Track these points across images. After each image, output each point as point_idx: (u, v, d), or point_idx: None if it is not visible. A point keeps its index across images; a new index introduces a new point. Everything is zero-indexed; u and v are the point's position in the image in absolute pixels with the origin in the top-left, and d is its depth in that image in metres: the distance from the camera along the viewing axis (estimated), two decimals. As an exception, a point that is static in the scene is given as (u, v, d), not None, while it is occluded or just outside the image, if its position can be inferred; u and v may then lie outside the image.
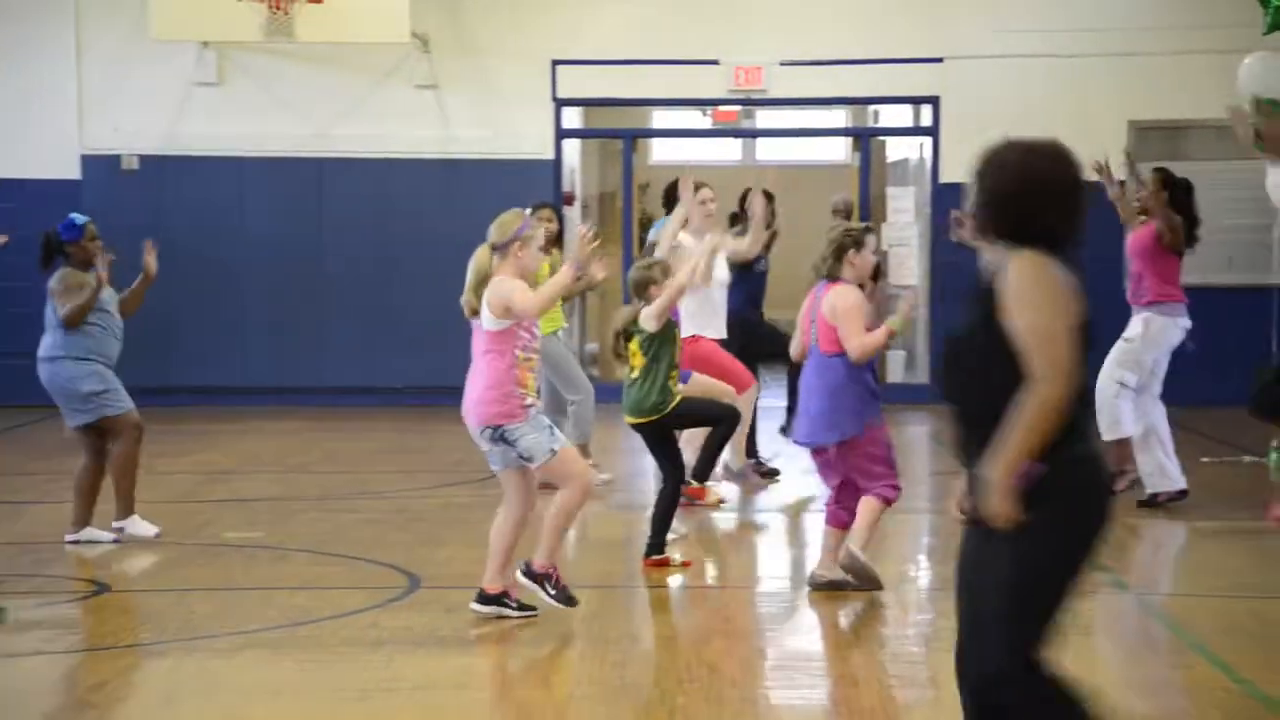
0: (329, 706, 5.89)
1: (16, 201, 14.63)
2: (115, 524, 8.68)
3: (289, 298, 15.29)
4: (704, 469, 9.28)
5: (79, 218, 8.75)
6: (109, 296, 8.74)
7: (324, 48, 14.79)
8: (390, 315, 15.28)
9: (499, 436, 6.80)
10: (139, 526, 8.68)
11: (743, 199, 10.95)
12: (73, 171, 15.12)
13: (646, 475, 10.57)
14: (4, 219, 14.13)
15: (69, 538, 8.60)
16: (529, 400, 6.80)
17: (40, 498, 9.73)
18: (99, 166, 15.17)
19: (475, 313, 6.90)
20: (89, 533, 8.60)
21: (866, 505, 7.36)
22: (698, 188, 9.83)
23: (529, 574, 6.99)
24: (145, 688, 6.30)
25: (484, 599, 6.99)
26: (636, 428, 8.21)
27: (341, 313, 15.38)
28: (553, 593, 6.97)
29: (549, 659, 6.59)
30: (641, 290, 8.14)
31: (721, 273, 9.87)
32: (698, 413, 8.52)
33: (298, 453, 12.56)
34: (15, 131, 15.12)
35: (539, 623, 6.91)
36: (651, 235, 10.77)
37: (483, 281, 6.86)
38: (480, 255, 6.93)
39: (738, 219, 10.93)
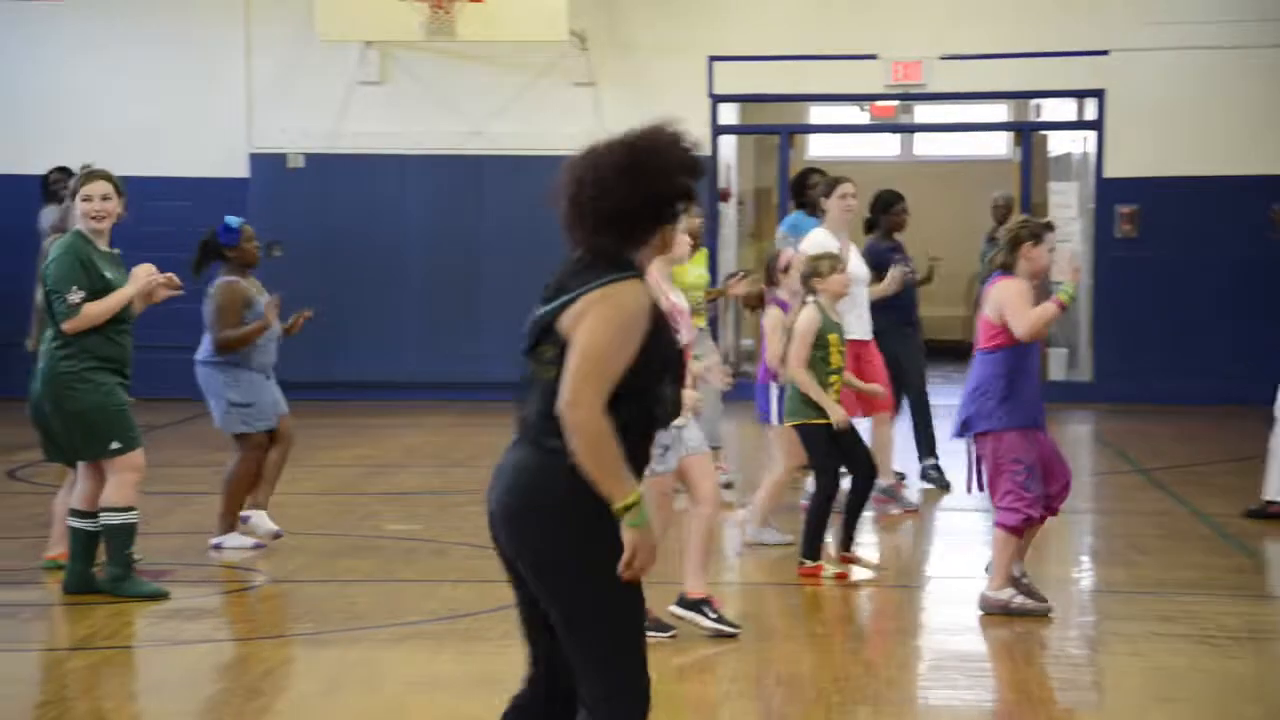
0: (488, 699, 5.93)
1: (186, 199, 15.00)
2: (241, 514, 8.66)
3: (448, 294, 15.48)
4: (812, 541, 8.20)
5: (235, 220, 8.66)
6: (262, 300, 8.64)
7: (483, 46, 14.95)
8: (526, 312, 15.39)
9: None
10: (259, 523, 8.67)
11: (874, 204, 10.54)
12: (241, 170, 15.47)
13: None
14: (175, 217, 14.54)
15: (213, 541, 8.73)
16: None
17: (209, 489, 9.95)
18: (266, 165, 15.50)
19: None
20: (253, 522, 8.75)
21: (997, 539, 6.98)
22: (839, 182, 9.58)
23: (683, 603, 6.70)
24: (309, 676, 6.41)
25: (683, 603, 6.74)
26: (793, 430, 8.05)
27: (499, 309, 15.52)
28: (713, 617, 6.67)
29: (704, 655, 6.57)
30: (804, 281, 7.96)
31: (860, 269, 9.59)
32: (815, 455, 7.90)
33: (456, 447, 12.71)
34: (186, 131, 15.49)
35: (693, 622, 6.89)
36: (780, 234, 10.57)
37: None
38: None
39: (873, 226, 10.59)
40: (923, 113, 17.96)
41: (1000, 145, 20.21)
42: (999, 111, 18.89)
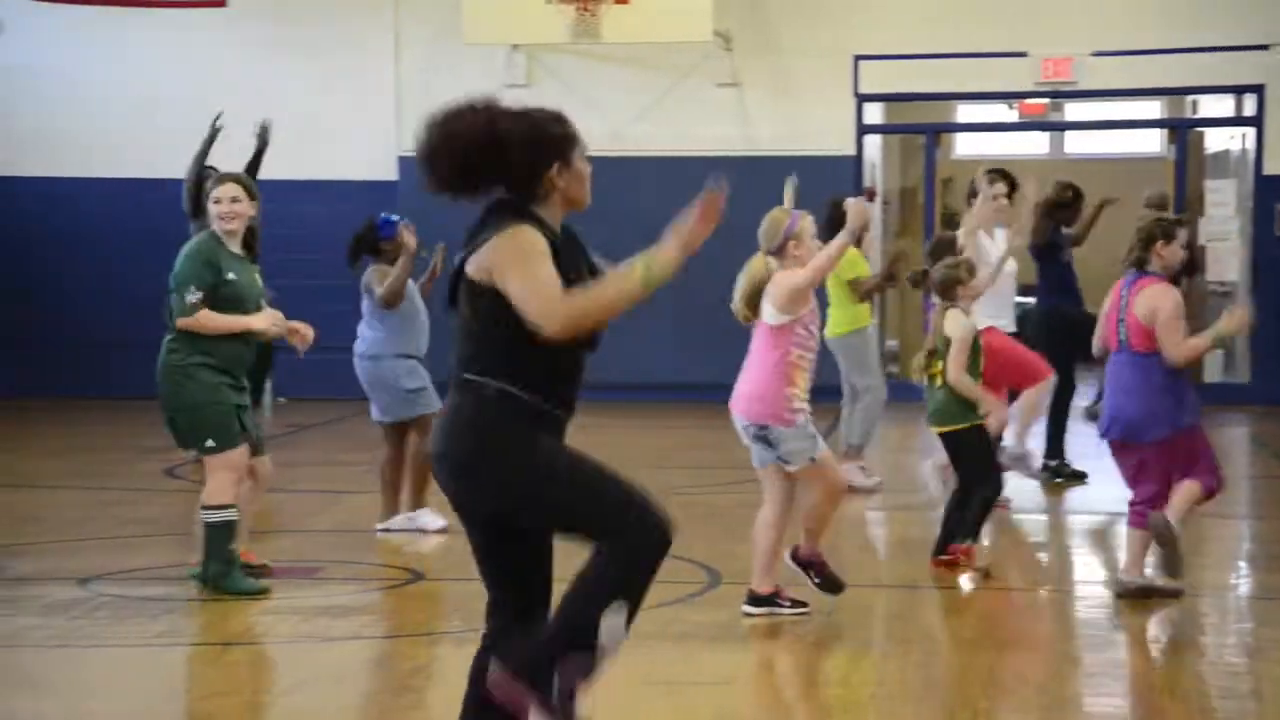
0: (635, 698, 5.95)
1: (336, 203, 15.24)
2: (406, 515, 8.85)
3: (592, 295, 15.52)
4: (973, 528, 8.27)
5: (393, 216, 8.96)
6: (415, 291, 8.95)
7: (627, 48, 14.99)
8: (688, 312, 15.38)
9: (762, 436, 6.74)
10: (426, 519, 8.83)
11: (1048, 203, 10.53)
12: (390, 173, 15.67)
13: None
14: (324, 219, 14.78)
15: (379, 527, 8.90)
16: (798, 404, 6.68)
17: (357, 488, 10.10)
18: (416, 168, 15.66)
19: (748, 320, 6.86)
20: (399, 521, 8.88)
21: (1186, 487, 7.05)
22: (992, 181, 9.57)
23: (795, 559, 6.98)
24: (459, 673, 6.41)
25: (754, 600, 6.91)
26: (940, 437, 8.00)
27: (642, 310, 15.48)
28: (817, 580, 6.93)
29: (849, 658, 6.53)
30: (947, 290, 7.92)
31: (1011, 264, 9.58)
32: (975, 458, 7.88)
33: (601, 448, 12.69)
34: (336, 133, 15.74)
35: (839, 622, 6.85)
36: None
37: (756, 290, 6.80)
38: (754, 264, 6.86)
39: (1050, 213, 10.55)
40: (1073, 110, 17.66)
41: (1154, 142, 19.82)
42: (1152, 108, 18.52)
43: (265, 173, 12.53)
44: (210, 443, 7.35)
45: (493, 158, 4.12)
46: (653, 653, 6.48)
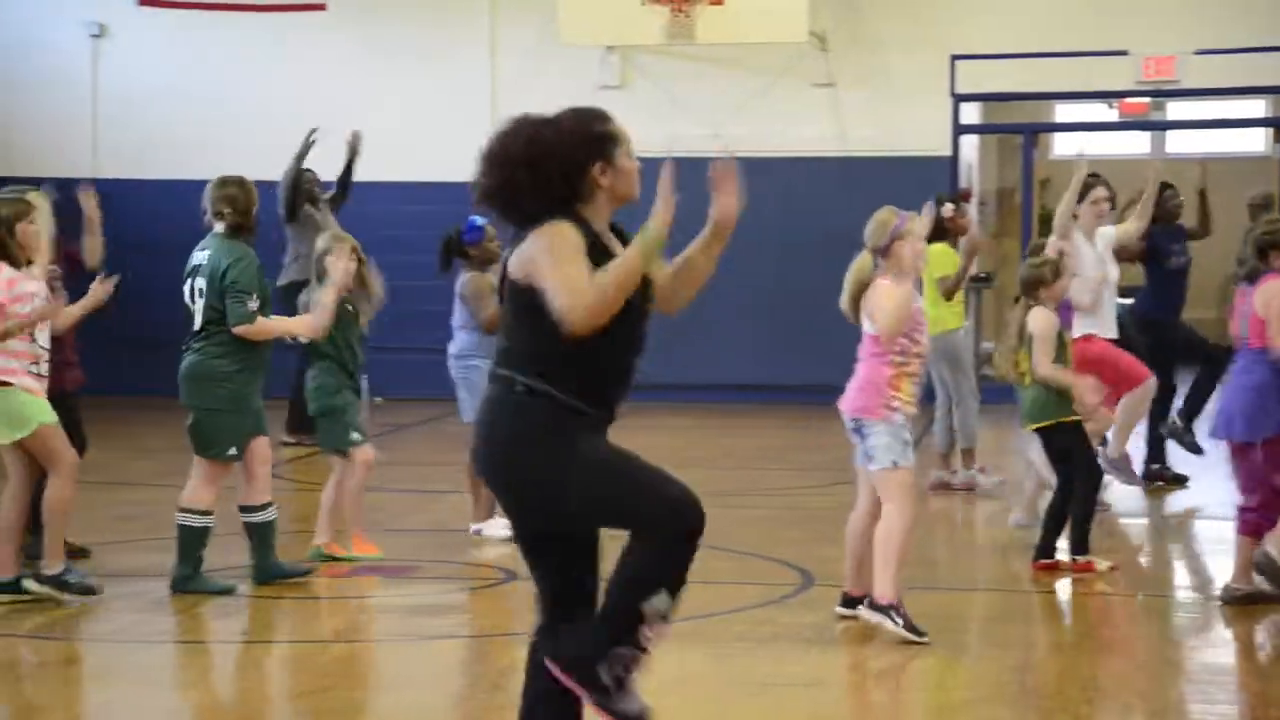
0: (726, 699, 5.96)
1: (432, 204, 15.35)
2: (473, 527, 8.86)
3: (685, 296, 15.52)
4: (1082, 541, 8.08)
5: (479, 219, 8.95)
6: None
7: (721, 48, 14.97)
8: (783, 313, 15.35)
9: (857, 428, 6.69)
10: (496, 528, 8.82)
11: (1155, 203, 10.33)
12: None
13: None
14: (421, 220, 14.88)
15: (473, 528, 8.95)
16: (897, 403, 6.60)
17: (453, 488, 10.16)
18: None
19: (856, 320, 6.80)
20: (493, 524, 8.92)
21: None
22: (1091, 186, 9.42)
23: (874, 606, 6.63)
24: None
25: (873, 605, 6.69)
26: (1035, 433, 7.96)
27: (736, 310, 15.53)
28: (899, 622, 6.56)
29: (944, 661, 6.48)
30: (1031, 290, 7.91)
31: (1113, 271, 9.48)
32: (1071, 452, 7.77)
33: (693, 448, 12.75)
34: (432, 134, 15.85)
35: (934, 624, 6.79)
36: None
37: (861, 289, 6.75)
38: (860, 262, 6.80)
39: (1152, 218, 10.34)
40: (1175, 109, 17.42)
41: (1258, 141, 19.50)
42: (1257, 107, 18.22)
43: (364, 175, 12.66)
44: (233, 451, 7.47)
45: (537, 171, 4.17)
46: (744, 654, 6.47)
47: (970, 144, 16.33)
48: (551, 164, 4.16)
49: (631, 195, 4.31)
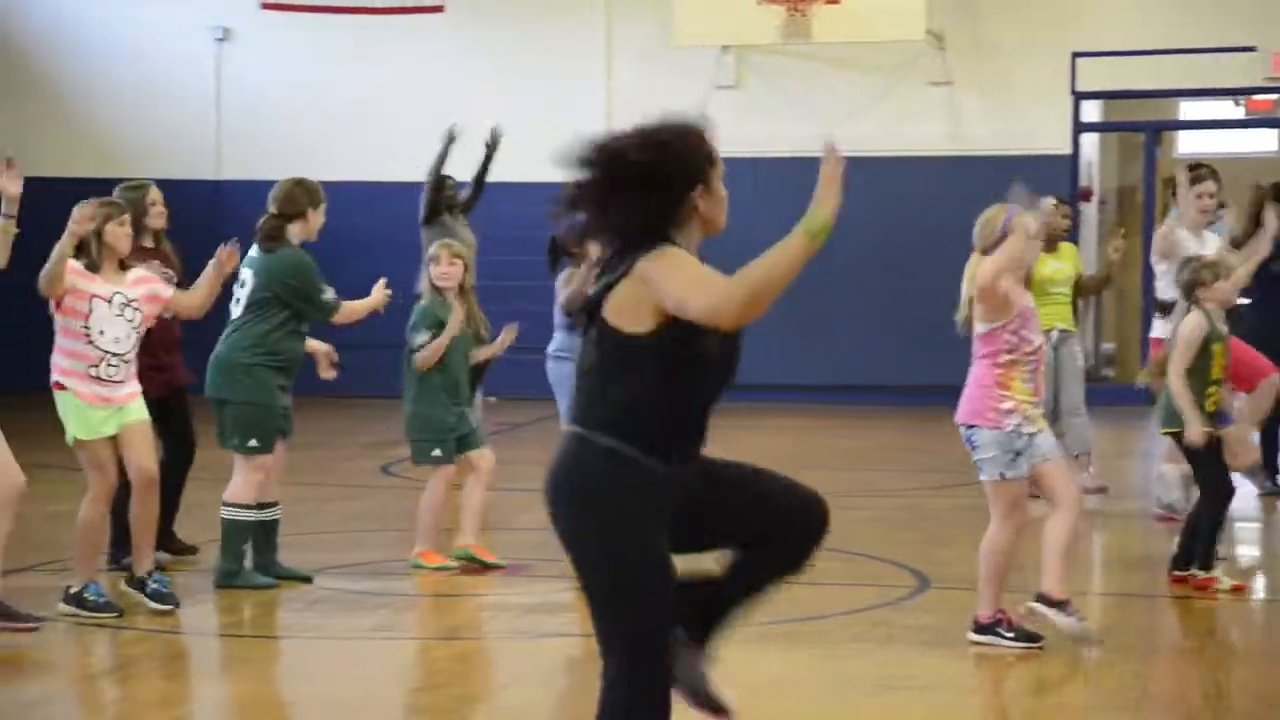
0: (841, 701, 5.92)
1: (547, 204, 15.41)
2: None
3: (800, 295, 15.43)
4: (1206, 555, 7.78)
5: None
6: None
7: (835, 48, 14.90)
8: (898, 313, 15.24)
9: (968, 437, 6.54)
10: None
11: (1256, 212, 9.91)
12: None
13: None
14: (535, 221, 14.95)
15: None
16: (1008, 406, 6.39)
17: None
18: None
19: (968, 330, 6.66)
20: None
21: None
22: (1198, 180, 9.15)
23: (978, 629, 6.48)
24: (663, 672, 6.49)
25: (977, 628, 6.53)
26: (1170, 437, 7.76)
27: (850, 310, 15.45)
28: (1009, 635, 6.42)
29: (1063, 668, 6.38)
30: (1188, 291, 7.65)
31: None
32: (1202, 459, 7.51)
33: (807, 449, 12.70)
34: (547, 135, 15.87)
35: (1050, 631, 6.69)
36: None
37: None
38: (973, 267, 6.65)
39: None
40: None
41: (1391, 139, 19.04)
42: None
43: (489, 176, 12.72)
44: (254, 443, 7.51)
45: (638, 189, 3.90)
46: (860, 655, 6.43)
47: (1091, 142, 16.11)
48: (653, 183, 3.89)
49: (719, 225, 4.04)
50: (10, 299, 9.09)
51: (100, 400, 6.92)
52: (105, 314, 6.93)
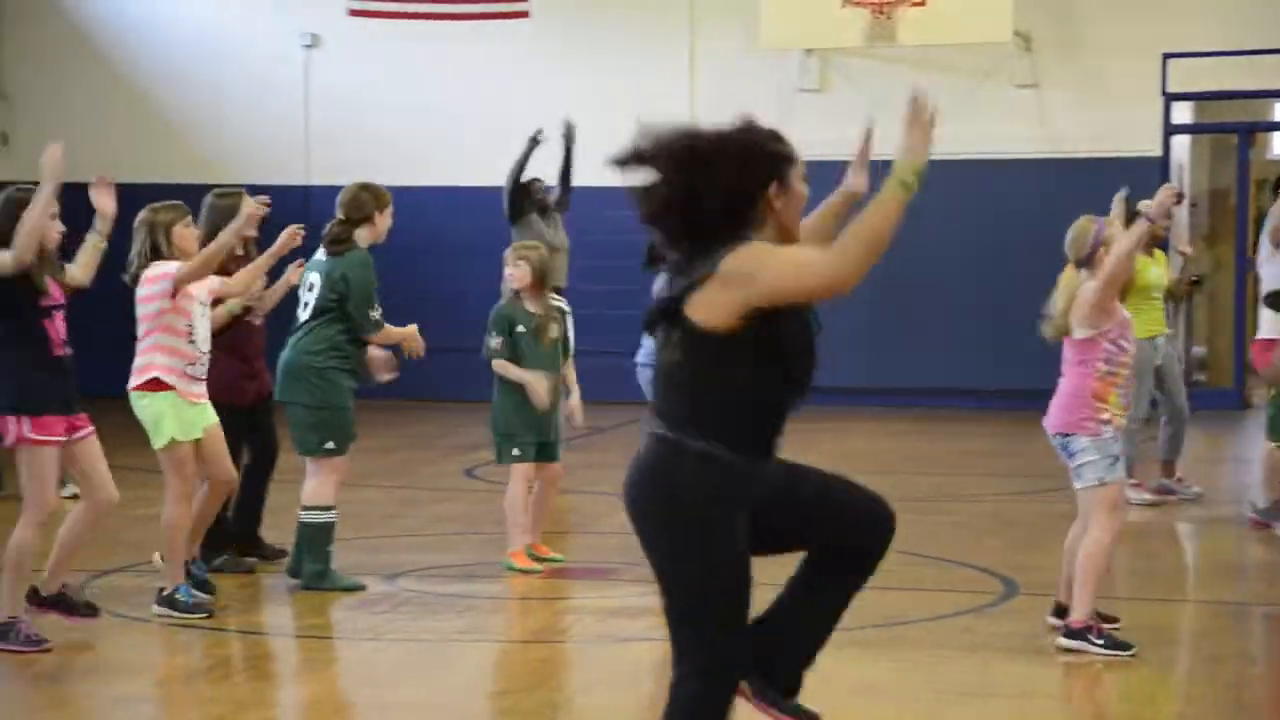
0: (927, 707, 5.87)
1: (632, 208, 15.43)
2: None
3: (888, 298, 15.39)
4: None
5: None
6: None
7: (920, 50, 14.79)
8: (987, 317, 15.11)
9: (1064, 445, 6.48)
10: None
11: None
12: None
13: (1251, 489, 9.92)
14: (627, 226, 14.96)
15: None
16: (1106, 415, 6.35)
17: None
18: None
19: (1058, 338, 6.58)
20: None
21: None
22: None
23: (1069, 634, 6.40)
24: (747, 677, 6.46)
25: (1068, 633, 6.44)
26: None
27: (938, 314, 15.34)
28: (1099, 643, 6.33)
29: (1154, 676, 6.29)
30: None
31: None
32: None
33: (893, 453, 12.63)
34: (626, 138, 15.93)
35: (1144, 637, 6.60)
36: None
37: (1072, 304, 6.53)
38: (1067, 279, 6.57)
39: None
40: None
41: None
42: None
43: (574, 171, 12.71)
44: (330, 445, 7.53)
45: (705, 182, 3.84)
46: (946, 662, 6.37)
47: (1181, 144, 15.89)
48: (728, 179, 3.83)
49: (795, 229, 3.95)
50: (95, 304, 9.22)
51: (196, 398, 7.07)
52: (199, 314, 7.10)
